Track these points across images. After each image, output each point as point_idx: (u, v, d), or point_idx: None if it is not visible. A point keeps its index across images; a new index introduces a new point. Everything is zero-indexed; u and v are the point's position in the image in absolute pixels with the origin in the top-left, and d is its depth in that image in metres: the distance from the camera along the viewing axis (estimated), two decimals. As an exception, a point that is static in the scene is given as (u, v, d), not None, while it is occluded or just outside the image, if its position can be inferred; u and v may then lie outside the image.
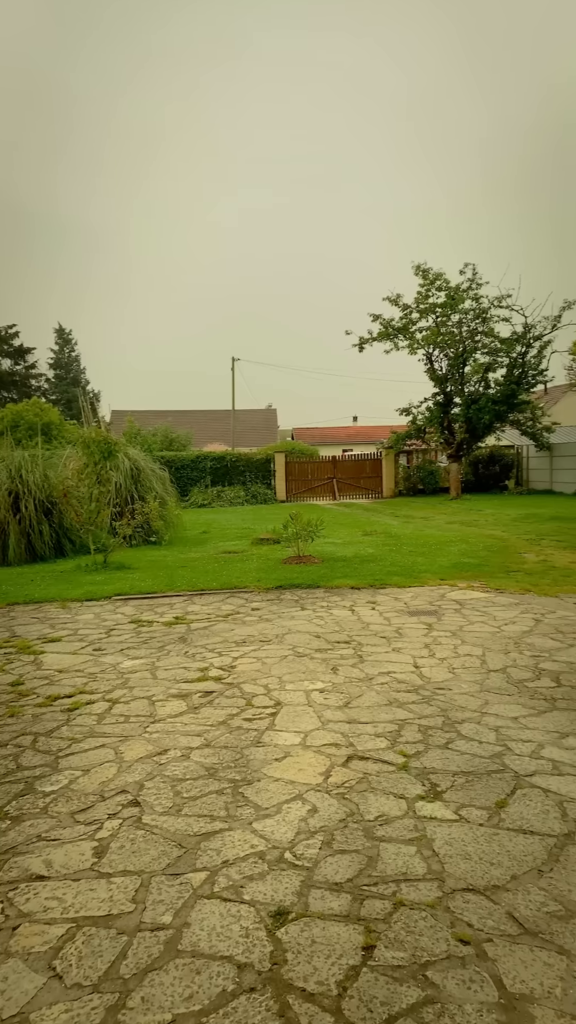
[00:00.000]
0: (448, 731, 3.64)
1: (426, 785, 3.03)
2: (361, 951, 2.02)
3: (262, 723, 3.85)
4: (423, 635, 5.74)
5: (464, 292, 24.39)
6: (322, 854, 2.53)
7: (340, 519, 17.63)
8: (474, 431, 25.36)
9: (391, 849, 2.54)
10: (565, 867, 2.39)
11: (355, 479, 29.53)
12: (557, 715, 3.84)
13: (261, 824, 2.75)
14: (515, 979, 1.88)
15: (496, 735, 3.57)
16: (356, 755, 3.38)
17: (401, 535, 13.24)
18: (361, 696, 4.26)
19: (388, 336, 25.33)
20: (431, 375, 25.82)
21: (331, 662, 5.04)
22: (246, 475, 28.38)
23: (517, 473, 29.43)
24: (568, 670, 4.64)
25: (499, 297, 24.37)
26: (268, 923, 2.15)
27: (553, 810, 2.78)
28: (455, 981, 1.88)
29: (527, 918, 2.13)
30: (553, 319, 24.01)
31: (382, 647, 5.41)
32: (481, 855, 2.48)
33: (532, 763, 3.22)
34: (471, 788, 2.99)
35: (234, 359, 42.62)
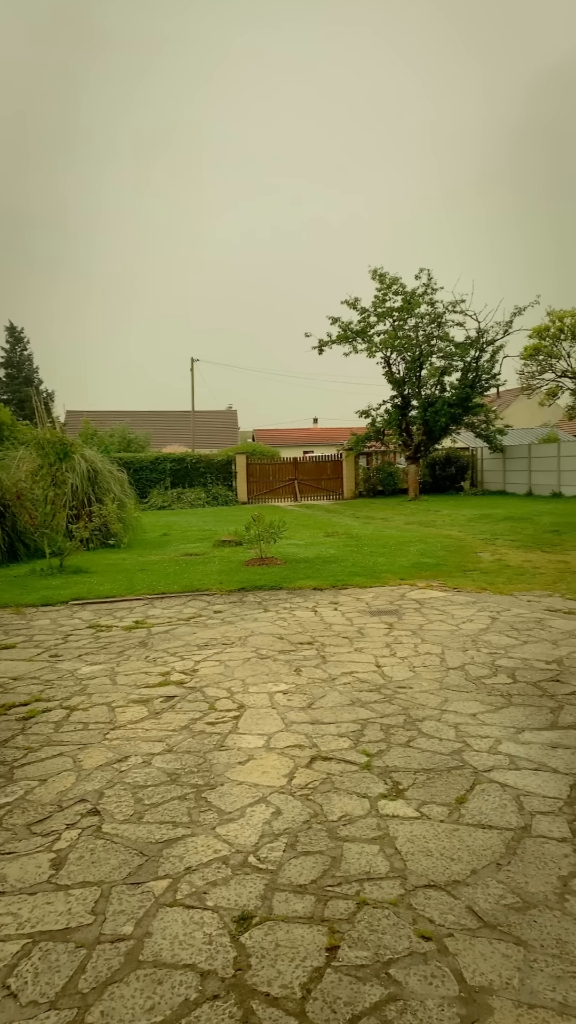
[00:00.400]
0: (409, 729, 3.69)
1: (388, 784, 3.06)
2: (325, 952, 2.02)
3: (225, 727, 3.83)
4: (384, 634, 5.80)
5: (420, 297, 24.85)
6: (286, 856, 2.52)
7: (302, 520, 17.69)
8: (431, 433, 25.83)
9: (354, 849, 2.55)
10: (522, 860, 2.44)
11: (316, 480, 29.67)
12: (513, 711, 3.93)
13: (224, 829, 2.73)
14: (475, 972, 1.91)
15: (456, 732, 3.63)
16: (320, 756, 3.39)
17: (362, 536, 13.36)
18: (324, 697, 4.27)
19: (347, 339, 25.58)
20: (389, 378, 26.18)
21: (294, 663, 5.04)
22: (207, 477, 28.18)
23: (472, 474, 30.12)
24: (523, 666, 4.76)
25: (453, 302, 24.92)
26: (232, 928, 2.14)
27: (510, 804, 2.84)
28: (417, 977, 1.90)
29: (486, 911, 2.17)
30: (505, 324, 24.71)
31: (344, 647, 5.44)
32: (442, 851, 2.52)
33: (490, 759, 3.28)
34: (432, 785, 3.03)
35: (193, 360, 42.25)
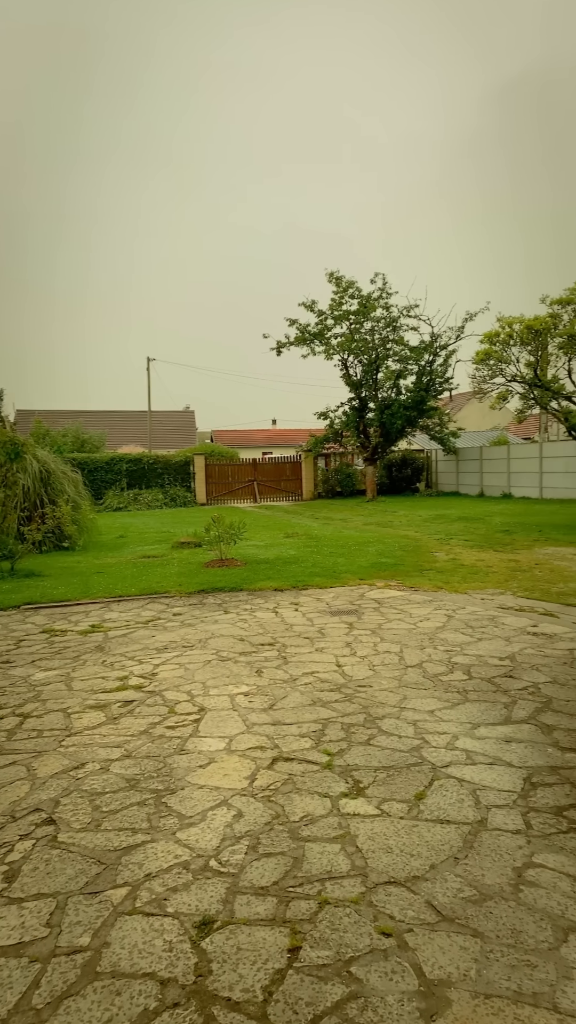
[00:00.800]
0: (369, 727, 3.73)
1: (349, 782, 3.08)
2: (287, 953, 2.01)
3: (185, 730, 3.78)
4: (344, 634, 5.85)
5: (375, 301, 25.21)
6: (248, 859, 2.51)
7: (262, 521, 17.67)
8: (388, 435, 26.23)
9: (316, 848, 2.56)
10: (479, 853, 2.50)
11: (275, 482, 29.70)
12: (469, 706, 4.01)
13: (185, 833, 2.70)
14: (434, 965, 1.94)
15: (414, 729, 3.68)
16: (281, 757, 3.39)
17: (322, 537, 13.44)
18: (286, 697, 4.27)
19: (305, 341, 25.75)
20: (347, 380, 26.47)
21: (255, 665, 5.03)
22: (164, 478, 27.85)
23: (427, 476, 30.73)
24: (478, 663, 4.87)
25: (407, 307, 25.39)
26: (193, 934, 2.11)
27: (467, 799, 2.90)
28: (378, 974, 1.92)
29: (444, 905, 2.21)
30: (457, 330, 25.31)
31: (305, 647, 5.46)
32: (402, 847, 2.55)
33: (448, 754, 3.35)
34: (392, 782, 3.06)
35: (149, 359, 41.69)
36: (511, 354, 15.69)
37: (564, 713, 3.85)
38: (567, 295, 14.50)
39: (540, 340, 14.97)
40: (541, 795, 2.91)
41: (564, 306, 14.59)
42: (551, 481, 23.38)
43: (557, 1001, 1.80)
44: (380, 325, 25.48)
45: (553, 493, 23.18)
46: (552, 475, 23.32)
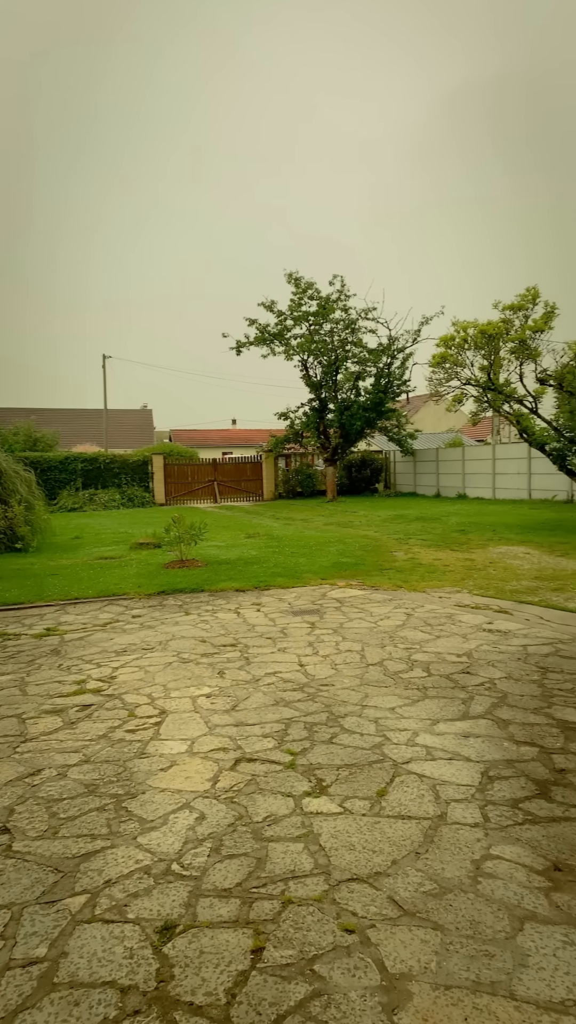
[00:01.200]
0: (332, 726, 3.75)
1: (312, 781, 3.09)
2: (250, 955, 2.01)
3: (146, 733, 3.73)
4: (307, 634, 5.87)
5: (334, 303, 25.42)
6: (210, 861, 2.49)
7: (222, 522, 17.58)
8: (347, 436, 26.47)
9: (279, 848, 2.56)
10: (439, 847, 2.54)
11: (236, 482, 29.60)
12: (429, 703, 4.08)
13: (146, 838, 2.66)
14: (396, 960, 1.97)
15: (376, 726, 3.72)
16: (244, 758, 3.38)
17: (283, 537, 13.46)
18: (248, 698, 4.26)
19: (264, 341, 25.75)
20: (307, 381, 26.59)
21: (217, 666, 4.99)
22: (121, 477, 27.39)
23: (386, 476, 31.16)
24: (437, 660, 4.96)
25: (365, 309, 25.68)
26: (154, 940, 2.08)
27: (428, 794, 2.95)
28: (341, 971, 1.93)
29: (406, 900, 2.24)
30: (414, 333, 25.73)
31: (268, 648, 5.45)
32: (364, 844, 2.57)
33: (408, 751, 3.39)
34: (354, 780, 3.09)
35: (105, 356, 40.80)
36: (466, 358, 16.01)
37: (519, 708, 3.95)
38: (518, 301, 14.88)
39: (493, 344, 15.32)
40: (498, 788, 2.98)
41: (515, 312, 14.97)
42: (503, 482, 24.04)
43: (514, 988, 1.85)
44: (339, 327, 25.69)
45: (505, 494, 23.83)
46: (504, 476, 23.98)
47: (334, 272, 27.77)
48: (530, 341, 14.85)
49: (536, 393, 15.54)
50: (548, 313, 14.73)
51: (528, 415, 15.73)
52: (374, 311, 25.65)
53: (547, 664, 4.79)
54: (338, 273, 25.76)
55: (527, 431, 15.67)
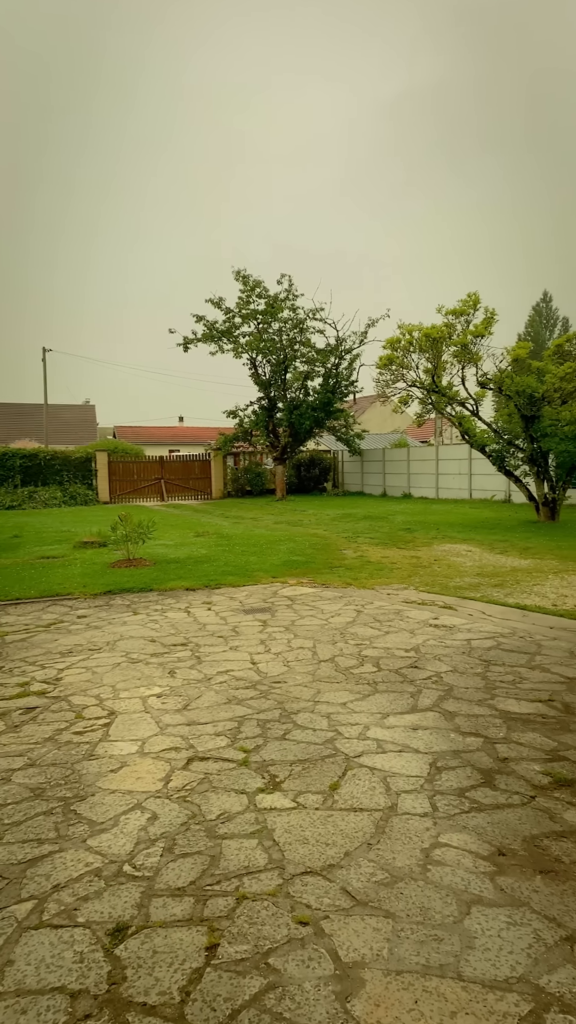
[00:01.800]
0: (285, 722, 3.77)
1: (266, 777, 3.10)
2: (205, 952, 2.00)
3: (95, 735, 3.65)
4: (259, 632, 5.88)
5: (282, 302, 25.50)
6: (163, 861, 2.47)
7: (170, 520, 17.36)
8: (296, 435, 26.61)
9: (233, 845, 2.56)
10: (390, 837, 2.60)
11: (184, 480, 29.28)
12: (379, 697, 4.16)
13: (96, 840, 2.61)
14: (349, 949, 2.00)
15: (328, 721, 3.77)
16: (197, 756, 3.35)
17: (233, 535, 13.41)
18: (200, 697, 4.23)
19: (212, 338, 25.57)
20: (256, 380, 26.58)
21: (168, 666, 4.94)
22: (63, 475, 26.62)
23: (334, 476, 31.52)
24: (386, 655, 5.06)
25: (313, 310, 25.89)
26: (106, 942, 2.05)
27: (379, 786, 3.01)
28: (295, 963, 1.95)
29: (358, 890, 2.28)
30: (360, 335, 26.13)
31: (219, 646, 5.43)
32: (318, 838, 2.60)
33: (360, 744, 3.45)
34: (307, 775, 3.12)
35: (45, 349, 39.51)
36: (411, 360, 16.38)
37: (464, 700, 4.08)
38: (460, 306, 15.33)
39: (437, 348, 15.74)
40: (445, 778, 3.07)
41: (457, 316, 15.41)
42: (446, 482, 24.75)
43: (461, 970, 1.91)
44: (287, 326, 25.79)
45: (448, 493, 24.54)
46: (447, 476, 24.69)
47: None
48: (471, 346, 15.32)
49: (477, 396, 16.06)
50: (488, 319, 15.24)
51: (469, 417, 16.23)
52: (321, 311, 25.91)
53: (490, 657, 4.96)
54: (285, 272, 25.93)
55: (469, 433, 16.16)
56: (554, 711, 3.87)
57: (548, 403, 14.34)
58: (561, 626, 5.86)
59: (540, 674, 4.55)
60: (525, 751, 3.34)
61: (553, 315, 58.42)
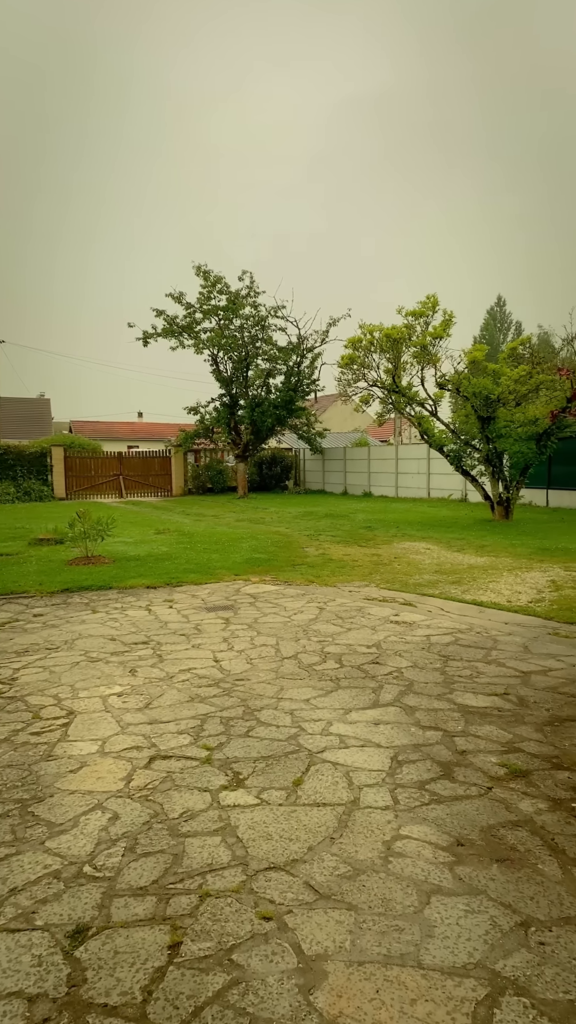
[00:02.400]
0: (248, 720, 3.77)
1: (229, 775, 3.10)
2: (167, 950, 1.99)
3: (53, 735, 3.58)
4: (221, 629, 5.85)
5: (244, 299, 25.42)
6: (125, 861, 2.44)
7: (130, 517, 17.11)
8: (258, 433, 26.56)
9: (196, 843, 2.55)
10: (352, 831, 2.63)
11: (143, 477, 28.88)
12: (342, 693, 4.21)
13: (55, 842, 2.56)
14: (312, 942, 2.02)
15: (291, 718, 3.79)
16: (159, 755, 3.32)
17: (194, 533, 13.31)
18: (162, 696, 4.19)
19: (173, 333, 25.26)
20: (217, 376, 26.41)
21: (129, 664, 4.87)
22: (17, 470, 25.89)
23: (295, 474, 31.63)
24: (348, 652, 5.12)
25: (275, 308, 25.89)
26: (65, 945, 2.02)
27: (341, 781, 3.04)
28: (259, 958, 1.96)
29: (322, 884, 2.30)
30: (322, 333, 26.27)
31: (182, 644, 5.39)
32: (281, 833, 2.61)
33: (323, 740, 3.48)
34: (271, 771, 3.13)
35: (-3, 340, 38.23)
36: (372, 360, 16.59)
37: (424, 695, 4.16)
38: (420, 308, 15.59)
39: (397, 349, 15.98)
40: (406, 772, 3.12)
41: (417, 318, 15.68)
42: (405, 481, 25.15)
43: (421, 958, 1.95)
44: (249, 323, 25.71)
45: (407, 492, 24.94)
46: (406, 476, 25.10)
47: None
48: (430, 347, 15.61)
49: (436, 397, 16.35)
50: (446, 321, 15.54)
51: (428, 418, 16.52)
52: (283, 309, 25.93)
53: (448, 653, 5.07)
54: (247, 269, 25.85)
55: (427, 433, 16.45)
56: (509, 704, 3.98)
57: (503, 405, 14.72)
58: (515, 622, 6.03)
59: (496, 668, 4.68)
60: (482, 743, 3.43)
61: (507, 319, 60.15)
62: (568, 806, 2.79)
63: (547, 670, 4.63)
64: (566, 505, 18.83)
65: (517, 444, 14.37)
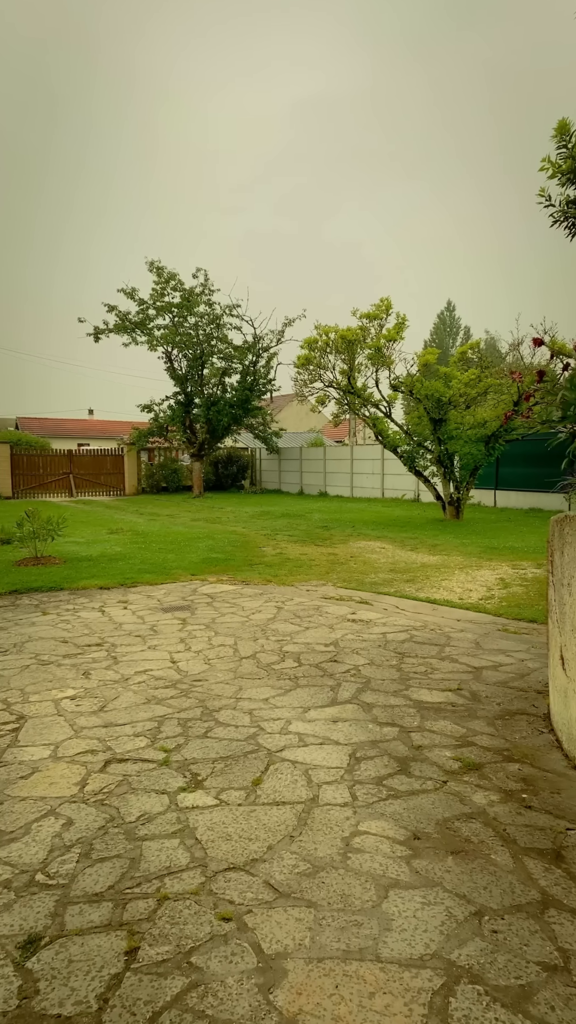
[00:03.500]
0: (207, 720, 3.74)
1: (187, 776, 3.07)
2: (124, 956, 1.96)
3: (2, 741, 3.46)
4: (178, 630, 5.79)
5: (198, 296, 25.23)
6: (80, 867, 2.38)
7: (81, 517, 16.73)
8: (214, 432, 26.39)
9: (154, 846, 2.51)
10: (311, 828, 2.64)
11: (95, 475, 28.28)
12: (300, 692, 4.22)
13: (5, 850, 2.48)
14: (272, 941, 2.02)
15: (250, 718, 3.78)
16: (115, 758, 3.26)
17: (149, 532, 13.12)
18: (118, 698, 4.11)
19: (125, 329, 24.85)
20: (171, 374, 26.12)
21: (82, 667, 4.76)
22: (-40, 468, 24.99)
23: (252, 473, 31.59)
24: (306, 651, 5.14)
25: (230, 306, 25.78)
26: (16, 956, 1.95)
27: (300, 779, 3.05)
28: (218, 959, 1.94)
29: (281, 883, 2.31)
30: (278, 333, 26.32)
31: (137, 646, 5.30)
32: (241, 833, 2.60)
33: (282, 739, 3.49)
34: (230, 772, 3.11)
35: None
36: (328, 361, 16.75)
37: (381, 691, 4.22)
38: (374, 311, 15.82)
39: (352, 350, 16.19)
40: (364, 768, 3.16)
41: (371, 320, 15.90)
42: (360, 481, 25.46)
43: (379, 952, 1.98)
44: (204, 321, 25.53)
45: (362, 492, 25.26)
46: (361, 476, 25.41)
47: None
48: (385, 349, 15.85)
49: (390, 399, 16.63)
50: (400, 324, 15.81)
51: (383, 419, 16.77)
52: (238, 308, 25.85)
53: (404, 650, 5.15)
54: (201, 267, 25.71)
55: (382, 434, 16.69)
56: (463, 699, 4.08)
57: (454, 407, 15.07)
58: (467, 619, 6.18)
59: (450, 664, 4.78)
60: (437, 738, 3.50)
61: (456, 323, 61.75)
62: (519, 797, 2.88)
63: (497, 665, 4.76)
64: (512, 505, 19.42)
65: (467, 446, 14.75)
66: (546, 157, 3.75)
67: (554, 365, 3.32)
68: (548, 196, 3.87)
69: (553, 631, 3.59)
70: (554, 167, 3.73)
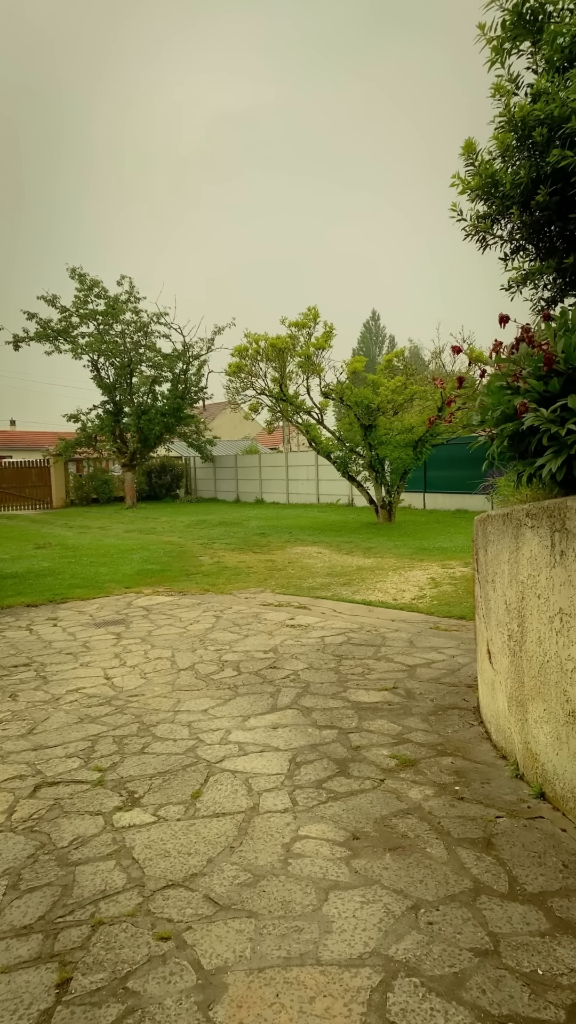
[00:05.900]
0: (144, 736, 3.65)
1: (123, 795, 2.98)
2: (55, 990, 1.87)
3: None
4: (112, 645, 5.63)
5: (123, 304, 24.82)
6: (6, 900, 2.27)
7: (5, 532, 16.04)
8: (146, 441, 25.92)
9: (88, 870, 2.42)
10: (252, 837, 2.62)
11: (18, 489, 27.19)
12: (240, 700, 4.19)
13: None
14: (212, 956, 1.99)
15: (189, 730, 3.72)
16: (45, 782, 3.13)
17: (79, 546, 12.72)
18: (48, 719, 3.95)
19: (47, 337, 24.11)
20: (99, 383, 25.50)
21: (8, 689, 4.55)
22: None
23: (186, 482, 31.26)
24: (246, 659, 5.11)
25: (157, 314, 25.52)
26: None
27: (241, 788, 3.02)
28: (155, 981, 1.89)
29: (221, 895, 2.27)
30: (208, 341, 26.25)
31: (68, 664, 5.11)
32: (179, 849, 2.55)
33: (222, 749, 3.45)
34: (168, 787, 3.05)
35: None
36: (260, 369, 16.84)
37: (320, 695, 4.25)
38: (302, 319, 16.05)
39: (282, 358, 16.36)
40: (304, 772, 3.17)
41: (300, 329, 16.12)
42: (295, 488, 25.69)
43: (320, 955, 1.98)
44: (131, 329, 25.11)
45: (297, 498, 25.48)
46: (296, 482, 25.64)
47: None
48: (314, 357, 16.09)
49: (321, 406, 16.90)
50: (327, 333, 16.11)
51: (315, 426, 17.00)
52: (166, 316, 25.60)
53: (341, 652, 5.22)
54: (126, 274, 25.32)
55: (315, 440, 16.91)
56: (398, 697, 4.17)
57: (383, 413, 15.46)
58: (401, 619, 6.33)
59: (385, 664, 4.88)
60: (375, 738, 3.56)
61: (381, 332, 63.62)
62: (452, 790, 2.96)
63: (430, 662, 4.89)
64: (440, 507, 20.08)
65: (396, 451, 15.15)
66: (456, 174, 3.91)
67: (472, 372, 3.47)
68: (460, 211, 4.05)
69: (480, 626, 3.73)
70: (464, 184, 3.90)
